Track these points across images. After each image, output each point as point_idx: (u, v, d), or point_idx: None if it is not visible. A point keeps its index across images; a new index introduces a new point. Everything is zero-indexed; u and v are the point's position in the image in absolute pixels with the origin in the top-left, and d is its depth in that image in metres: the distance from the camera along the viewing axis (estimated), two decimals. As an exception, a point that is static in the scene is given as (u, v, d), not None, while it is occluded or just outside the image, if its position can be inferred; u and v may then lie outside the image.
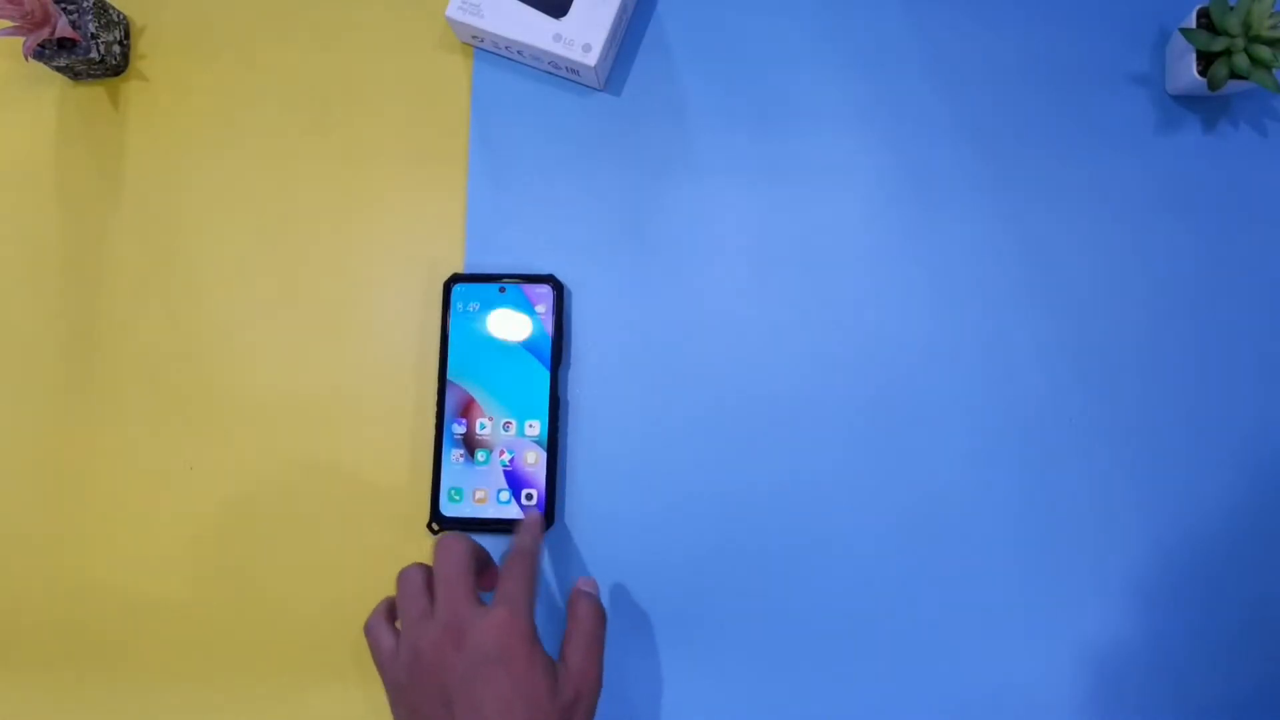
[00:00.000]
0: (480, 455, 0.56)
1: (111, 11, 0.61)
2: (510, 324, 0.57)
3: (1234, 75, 0.54)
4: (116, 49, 0.62)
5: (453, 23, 0.59)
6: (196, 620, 0.58)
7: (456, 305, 0.58)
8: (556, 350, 0.57)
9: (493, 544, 0.57)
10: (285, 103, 0.62)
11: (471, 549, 0.47)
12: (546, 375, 0.56)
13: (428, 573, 0.47)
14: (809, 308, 0.58)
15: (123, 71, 0.63)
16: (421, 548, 0.57)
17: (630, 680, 0.55)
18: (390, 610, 0.48)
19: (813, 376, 0.57)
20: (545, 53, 0.58)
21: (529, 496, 0.56)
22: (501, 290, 0.58)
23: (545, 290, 0.57)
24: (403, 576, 0.47)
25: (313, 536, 0.58)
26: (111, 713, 0.57)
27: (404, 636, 0.45)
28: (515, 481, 0.56)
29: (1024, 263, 0.58)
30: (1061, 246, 0.58)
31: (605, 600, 0.56)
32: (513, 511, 0.55)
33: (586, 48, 0.57)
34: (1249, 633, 0.55)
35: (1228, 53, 0.54)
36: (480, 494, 0.56)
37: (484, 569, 0.49)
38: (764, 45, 0.61)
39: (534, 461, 0.56)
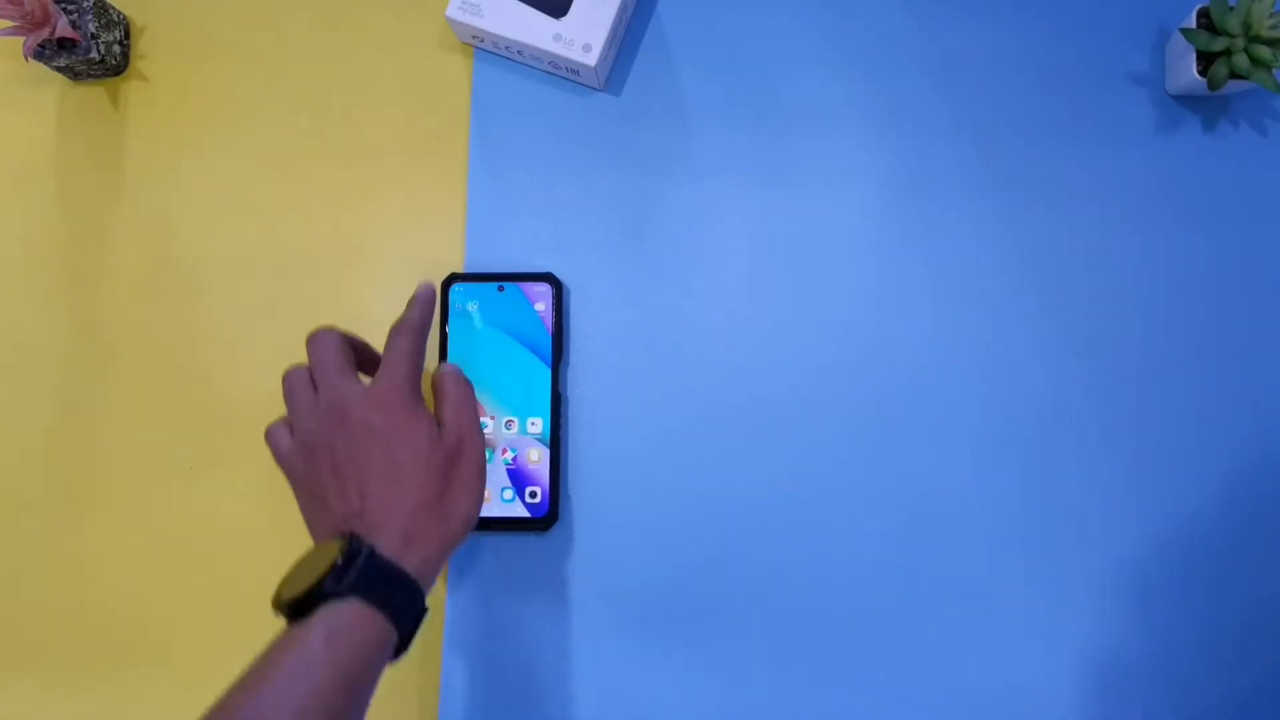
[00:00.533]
0: (481, 454, 0.56)
1: (111, 11, 0.61)
2: (510, 322, 0.57)
3: (1234, 75, 0.54)
4: (116, 49, 0.61)
5: (453, 23, 0.59)
6: (195, 619, 0.58)
7: (455, 305, 0.58)
8: (557, 347, 0.57)
9: (497, 543, 0.57)
10: (285, 103, 0.62)
11: (340, 335, 0.48)
12: (547, 372, 0.56)
13: (309, 370, 0.48)
14: (809, 307, 0.58)
15: (123, 71, 0.63)
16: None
17: (632, 680, 0.55)
18: (286, 420, 0.49)
19: (812, 375, 0.57)
20: (545, 53, 0.58)
21: (533, 494, 0.56)
22: (500, 289, 0.58)
23: (544, 288, 0.57)
24: (285, 378, 0.48)
25: (313, 536, 0.58)
26: (112, 710, 0.57)
27: (295, 427, 0.47)
28: (519, 479, 0.56)
29: (1024, 262, 0.58)
30: (1062, 246, 0.58)
31: (605, 598, 0.56)
32: (517, 510, 0.55)
33: (586, 48, 0.57)
34: (1249, 633, 0.55)
35: (1228, 53, 0.54)
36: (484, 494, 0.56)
37: (363, 356, 0.50)
38: (764, 45, 0.61)
39: (537, 459, 0.56)
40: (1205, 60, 0.55)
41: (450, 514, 0.45)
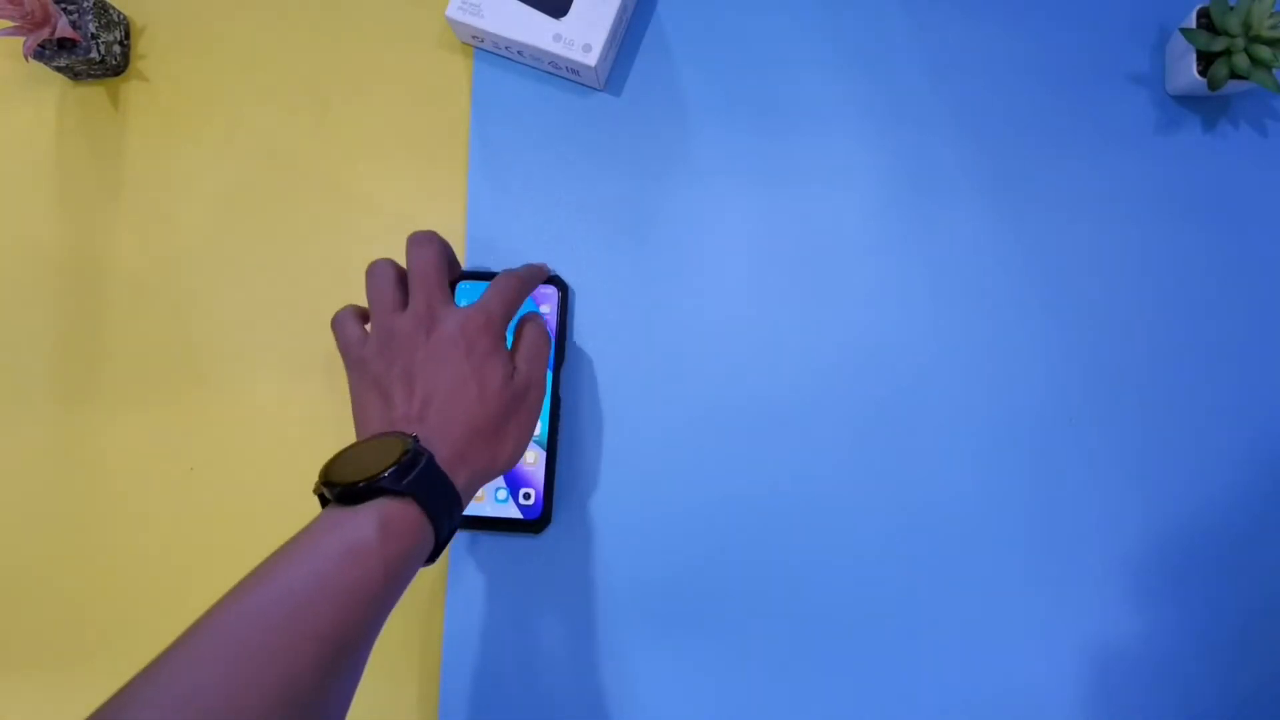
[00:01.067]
0: (480, 455, 0.56)
1: (111, 11, 0.61)
2: (514, 324, 0.57)
3: (1234, 75, 0.54)
4: (116, 49, 0.62)
5: (453, 23, 0.59)
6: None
7: (459, 303, 0.57)
8: (559, 351, 0.57)
9: (491, 542, 0.57)
10: (285, 103, 0.62)
11: (443, 249, 0.50)
12: (549, 375, 0.56)
13: (399, 268, 0.49)
14: (809, 307, 0.58)
15: (123, 71, 0.63)
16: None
17: (631, 681, 0.55)
18: (357, 310, 0.50)
19: (812, 375, 0.57)
20: (545, 53, 0.58)
21: (527, 496, 0.56)
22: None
23: (551, 291, 0.57)
24: (374, 269, 0.49)
25: (312, 536, 0.58)
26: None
27: (376, 322, 0.48)
28: (513, 480, 0.56)
29: (1024, 262, 0.58)
30: (1062, 246, 0.58)
31: (607, 599, 0.56)
32: (510, 511, 0.55)
33: (586, 48, 0.57)
34: (1251, 633, 0.55)
35: (1228, 53, 0.54)
36: (478, 493, 0.56)
37: (452, 268, 0.51)
38: (764, 45, 0.61)
39: (533, 461, 0.56)
40: (1205, 60, 0.55)
41: (499, 449, 0.46)
